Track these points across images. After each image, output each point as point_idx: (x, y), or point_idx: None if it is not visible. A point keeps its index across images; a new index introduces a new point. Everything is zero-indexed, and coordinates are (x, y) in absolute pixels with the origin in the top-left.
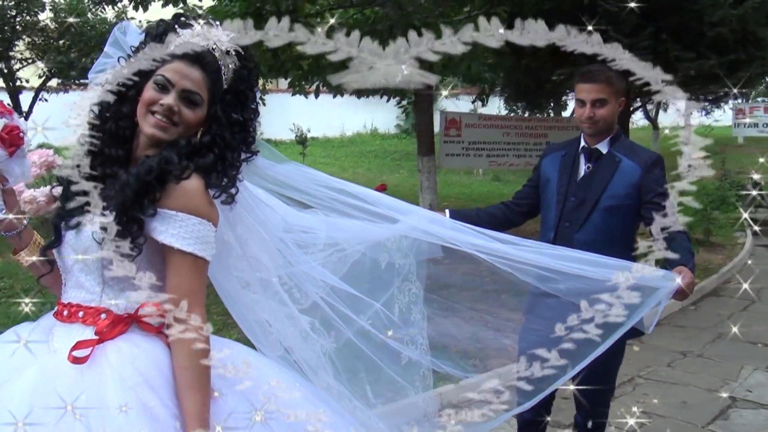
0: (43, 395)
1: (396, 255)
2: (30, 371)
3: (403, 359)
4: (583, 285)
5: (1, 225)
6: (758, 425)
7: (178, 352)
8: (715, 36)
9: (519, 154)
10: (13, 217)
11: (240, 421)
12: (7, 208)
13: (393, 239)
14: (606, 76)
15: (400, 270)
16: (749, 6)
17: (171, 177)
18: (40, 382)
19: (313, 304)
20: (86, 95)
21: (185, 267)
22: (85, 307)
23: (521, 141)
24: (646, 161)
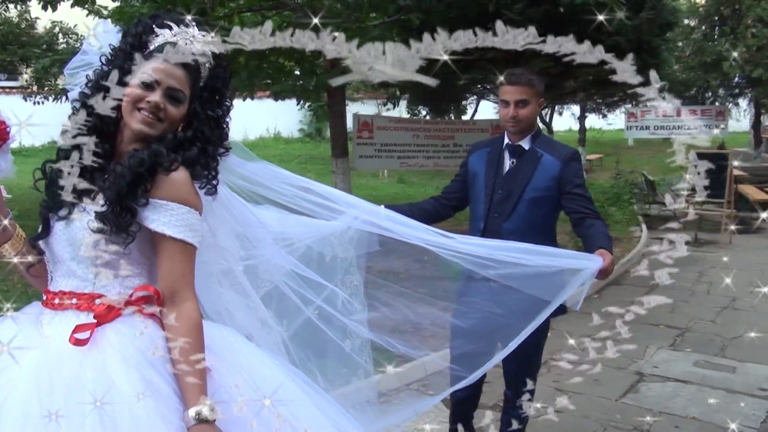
0: (48, 377)
1: (338, 249)
2: (30, 356)
3: (346, 347)
4: (518, 270)
5: None
6: (665, 396)
7: (173, 331)
8: (612, 44)
9: (428, 155)
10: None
11: (229, 396)
12: None
13: (336, 234)
14: (527, 79)
15: (342, 263)
16: (644, 17)
17: (161, 169)
18: (43, 365)
19: (268, 292)
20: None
21: (177, 253)
22: (78, 294)
23: (430, 143)
24: (564, 156)
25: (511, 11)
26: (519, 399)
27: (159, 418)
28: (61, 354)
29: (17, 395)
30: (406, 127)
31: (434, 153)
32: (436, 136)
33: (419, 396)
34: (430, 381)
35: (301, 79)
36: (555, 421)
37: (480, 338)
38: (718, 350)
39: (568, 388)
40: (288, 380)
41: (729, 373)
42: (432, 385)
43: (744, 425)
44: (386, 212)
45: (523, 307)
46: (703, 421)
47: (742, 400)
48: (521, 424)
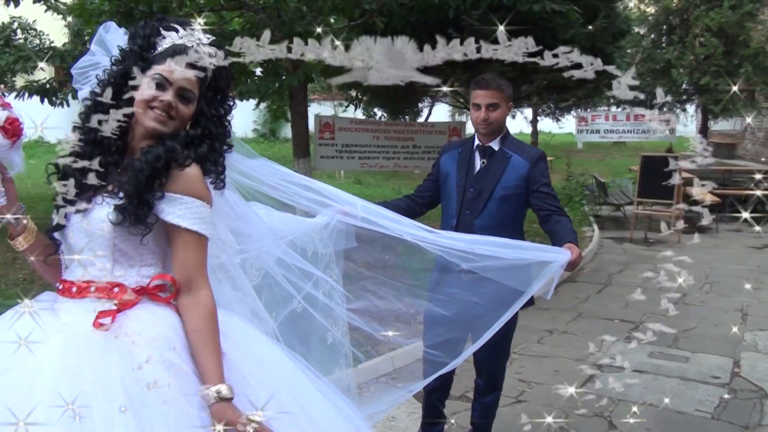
0: (74, 360)
1: (319, 245)
2: (55, 340)
3: (328, 339)
4: (495, 263)
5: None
6: (623, 385)
7: (190, 316)
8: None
9: (388, 156)
10: (12, 217)
11: (243, 377)
12: (7, 196)
13: (317, 230)
14: (498, 84)
15: (322, 258)
16: (598, 26)
17: (175, 165)
18: (69, 348)
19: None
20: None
21: (191, 243)
22: (96, 283)
23: (390, 144)
24: (532, 156)
25: (470, 17)
26: (490, 388)
27: (182, 396)
28: (86, 338)
29: (46, 377)
30: (367, 129)
31: (394, 154)
32: (395, 137)
33: (389, 388)
34: (398, 375)
35: (264, 79)
36: (520, 409)
37: (458, 326)
38: (671, 342)
39: (530, 378)
40: (291, 364)
41: (682, 363)
42: (400, 378)
43: (699, 410)
44: (382, 210)
45: (499, 296)
46: (660, 407)
47: (697, 388)
48: (491, 411)
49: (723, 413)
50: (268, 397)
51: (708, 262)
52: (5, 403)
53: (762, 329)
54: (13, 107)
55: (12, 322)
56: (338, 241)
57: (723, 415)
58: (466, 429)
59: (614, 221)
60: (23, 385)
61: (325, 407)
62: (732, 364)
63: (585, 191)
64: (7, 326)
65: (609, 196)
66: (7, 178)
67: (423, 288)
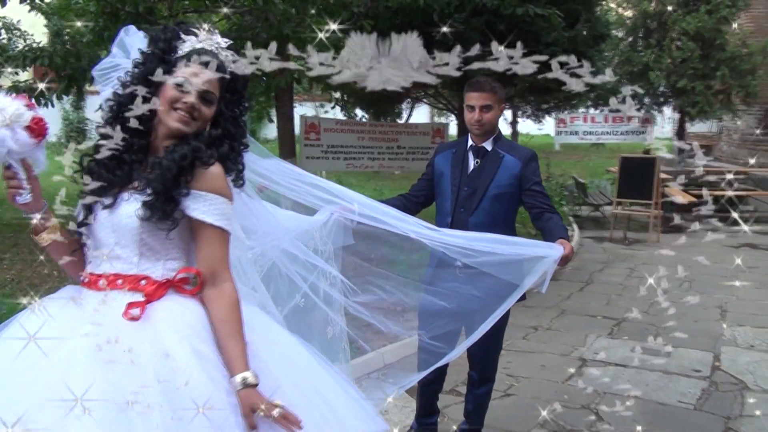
0: (108, 348)
1: (319, 242)
2: (85, 330)
3: (328, 333)
4: (493, 258)
5: (25, 207)
6: (608, 378)
7: (216, 307)
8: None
9: (373, 157)
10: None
11: (264, 364)
12: (33, 193)
13: (317, 228)
14: (491, 86)
15: (321, 255)
16: (579, 30)
17: (199, 163)
18: (101, 339)
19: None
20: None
21: (215, 239)
22: (124, 276)
23: (375, 145)
24: (524, 156)
25: (454, 20)
26: (483, 380)
27: (210, 382)
28: (117, 328)
29: (80, 366)
30: (352, 130)
31: (378, 155)
32: (380, 138)
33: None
34: (388, 371)
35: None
36: (509, 403)
37: (456, 318)
38: (653, 337)
39: (517, 373)
40: (307, 353)
41: (664, 358)
42: (391, 374)
43: (682, 401)
44: (388, 209)
45: (496, 290)
46: (644, 399)
47: (679, 381)
48: (484, 402)
49: (705, 404)
50: (289, 383)
51: (686, 260)
52: (42, 390)
53: (741, 325)
54: (36, 107)
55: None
56: (336, 238)
57: (705, 407)
58: (458, 422)
59: (593, 221)
60: (57, 372)
61: (340, 394)
62: (712, 358)
63: (564, 192)
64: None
65: (588, 196)
66: (32, 176)
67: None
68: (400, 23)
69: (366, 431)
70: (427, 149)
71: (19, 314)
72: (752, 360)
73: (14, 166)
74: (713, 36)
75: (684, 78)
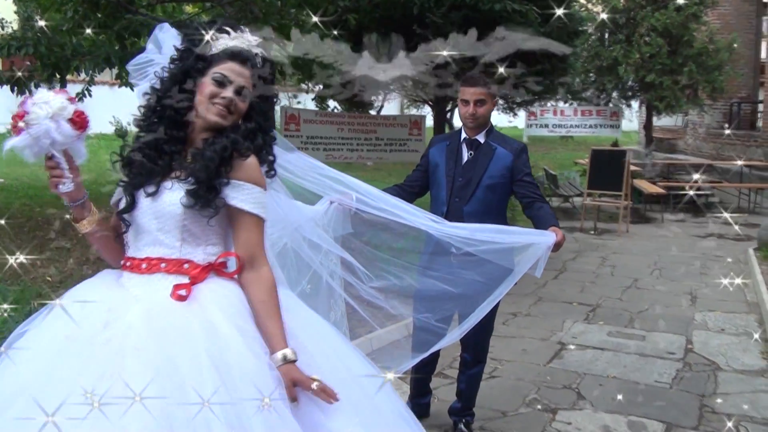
0: (160, 325)
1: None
2: (135, 310)
3: (331, 318)
4: (493, 247)
5: (67, 196)
6: (587, 360)
7: (255, 289)
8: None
9: (352, 148)
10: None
11: (299, 342)
12: (74, 182)
13: (318, 217)
14: (484, 81)
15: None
16: (554, 25)
17: (237, 154)
18: (153, 316)
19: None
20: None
21: (253, 225)
22: (167, 259)
23: (353, 136)
24: (515, 148)
25: (434, 14)
26: (475, 361)
27: (255, 357)
28: (167, 307)
29: (134, 341)
30: (331, 121)
31: (357, 146)
32: (359, 129)
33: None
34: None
35: None
36: (495, 384)
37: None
38: (627, 322)
39: (500, 357)
40: (334, 332)
41: (639, 341)
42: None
43: (658, 381)
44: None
45: (496, 275)
46: (622, 379)
47: (654, 362)
48: (476, 382)
49: (680, 384)
50: (323, 359)
51: (656, 250)
52: (98, 364)
53: (711, 310)
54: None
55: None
56: (336, 227)
57: (681, 386)
58: (449, 402)
59: (564, 212)
60: (114, 346)
61: (365, 371)
62: (685, 341)
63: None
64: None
65: (559, 188)
66: (73, 166)
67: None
68: (380, 17)
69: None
70: (404, 141)
71: (60, 298)
72: (723, 343)
73: (57, 157)
74: (681, 32)
75: (652, 73)
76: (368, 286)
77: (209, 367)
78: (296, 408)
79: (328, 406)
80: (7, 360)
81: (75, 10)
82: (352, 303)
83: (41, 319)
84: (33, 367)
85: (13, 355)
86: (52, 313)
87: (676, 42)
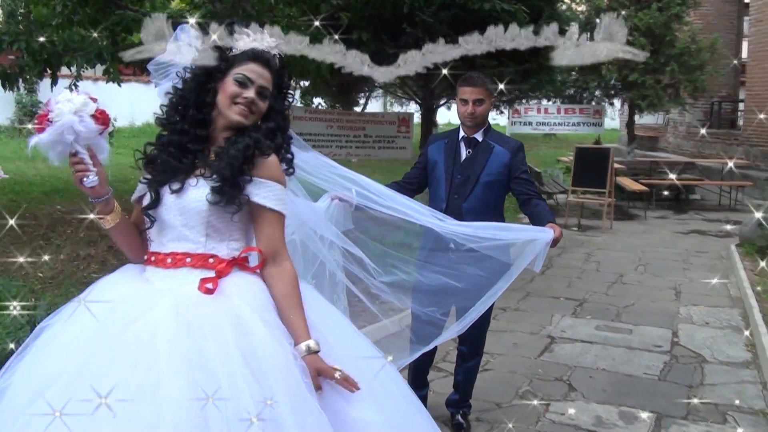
0: (189, 317)
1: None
2: (164, 302)
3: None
4: (495, 243)
5: (92, 192)
6: (576, 353)
7: (278, 283)
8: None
9: (341, 145)
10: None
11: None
12: (98, 178)
13: (321, 213)
14: (483, 81)
15: (325, 239)
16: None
17: (258, 153)
18: (181, 308)
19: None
20: None
21: (275, 221)
22: (192, 254)
23: (343, 133)
24: (512, 147)
25: (424, 13)
26: (472, 354)
27: (281, 348)
28: (195, 300)
29: (165, 333)
30: (321, 118)
31: (346, 143)
32: (348, 127)
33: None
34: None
35: None
36: (488, 377)
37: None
38: (614, 317)
39: (492, 350)
40: (348, 323)
41: (626, 335)
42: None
43: (647, 373)
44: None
45: (499, 270)
46: (612, 371)
47: (642, 355)
48: (473, 374)
49: (668, 375)
50: (341, 350)
51: (640, 246)
52: (131, 353)
53: (695, 304)
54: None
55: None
56: (337, 223)
57: (669, 377)
58: (444, 395)
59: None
60: (144, 338)
61: (370, 351)
62: (671, 334)
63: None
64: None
65: (543, 185)
66: (97, 162)
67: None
68: (370, 15)
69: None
70: (393, 138)
71: (84, 293)
72: (708, 336)
73: (81, 152)
74: (664, 32)
75: (635, 72)
76: (378, 281)
77: (239, 357)
78: (320, 397)
79: (350, 395)
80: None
81: (64, 4)
82: (361, 296)
83: (69, 314)
84: (62, 360)
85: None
86: (80, 308)
87: (658, 42)
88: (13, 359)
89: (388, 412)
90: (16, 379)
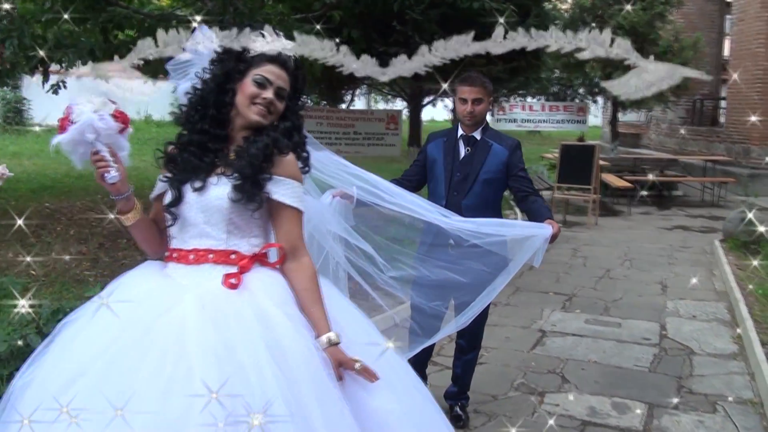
0: (215, 312)
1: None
2: (189, 297)
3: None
4: (497, 239)
5: (113, 189)
6: (567, 346)
7: (298, 278)
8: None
9: (330, 142)
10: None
11: (339, 326)
12: (120, 174)
13: (324, 211)
14: (482, 81)
15: (329, 233)
16: (530, 24)
17: (277, 152)
18: (207, 303)
19: None
20: None
21: (294, 218)
22: (215, 251)
23: (332, 130)
24: (510, 145)
25: (413, 11)
26: (471, 347)
27: (303, 340)
28: (220, 295)
29: (192, 326)
30: (311, 115)
31: (336, 140)
32: (337, 124)
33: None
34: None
35: None
36: (483, 370)
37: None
38: (603, 311)
39: (486, 345)
40: (363, 316)
41: (616, 328)
42: None
43: (637, 365)
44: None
45: (501, 265)
46: (603, 363)
47: (632, 348)
48: (471, 367)
49: (658, 367)
50: (361, 343)
51: (625, 241)
52: (160, 346)
53: (681, 298)
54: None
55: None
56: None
57: (658, 369)
58: (441, 388)
59: None
60: (172, 332)
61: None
62: (659, 327)
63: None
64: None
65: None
66: (118, 159)
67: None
68: (360, 13)
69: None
70: (381, 135)
71: (106, 289)
72: (695, 329)
73: (102, 150)
74: (647, 31)
75: (619, 70)
76: (388, 276)
77: (265, 351)
78: (342, 387)
79: (369, 385)
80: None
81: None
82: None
83: (94, 310)
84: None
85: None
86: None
87: (642, 40)
88: (37, 354)
89: (405, 401)
90: (41, 373)
